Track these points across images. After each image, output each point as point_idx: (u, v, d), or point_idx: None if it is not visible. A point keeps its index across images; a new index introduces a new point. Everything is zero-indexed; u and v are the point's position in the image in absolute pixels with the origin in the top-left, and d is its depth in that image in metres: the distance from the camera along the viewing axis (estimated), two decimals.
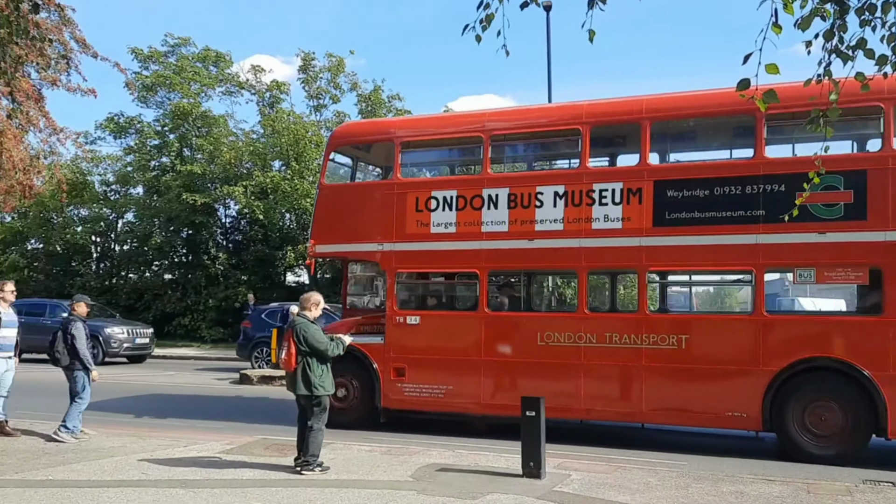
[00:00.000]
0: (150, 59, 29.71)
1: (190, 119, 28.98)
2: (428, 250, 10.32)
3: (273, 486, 6.85)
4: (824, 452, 8.36)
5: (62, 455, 8.33)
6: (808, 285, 9.83)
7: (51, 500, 6.40)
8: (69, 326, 9.05)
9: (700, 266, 9.52)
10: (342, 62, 29.43)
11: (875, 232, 8.29)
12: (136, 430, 9.97)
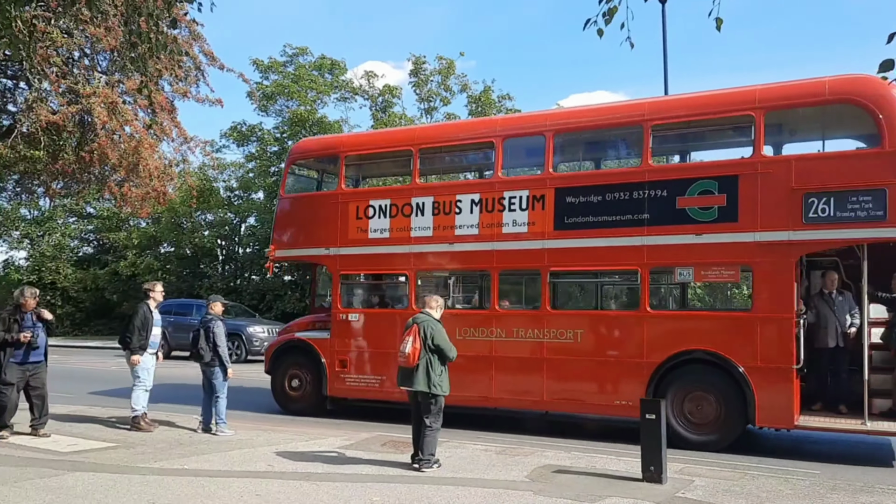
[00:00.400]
0: (270, 70, 30.99)
1: (307, 125, 30.01)
2: (366, 254, 11.29)
3: (392, 482, 6.99)
4: (700, 439, 8.97)
5: (194, 446, 8.82)
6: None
7: (186, 488, 6.80)
8: (210, 325, 9.54)
9: (594, 266, 10.26)
10: (452, 64, 29.70)
11: (746, 233, 8.84)
12: (263, 424, 10.41)
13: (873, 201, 8.30)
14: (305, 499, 6.44)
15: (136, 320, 9.59)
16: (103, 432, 9.60)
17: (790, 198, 8.66)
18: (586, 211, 9.79)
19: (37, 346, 9.15)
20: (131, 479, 7.13)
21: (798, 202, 8.61)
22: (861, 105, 8.53)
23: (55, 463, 7.82)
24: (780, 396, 8.59)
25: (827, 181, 8.56)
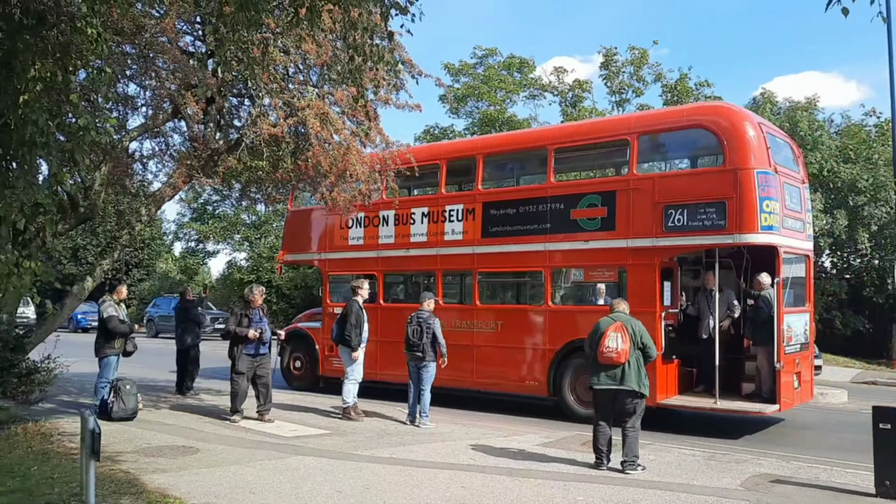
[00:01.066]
0: (460, 72, 31.79)
1: (496, 125, 30.42)
2: (347, 258, 13.55)
3: (595, 483, 6.89)
4: (588, 413, 9.30)
5: (400, 437, 9.25)
6: None
7: (396, 476, 7.15)
8: (429, 321, 9.89)
9: (510, 268, 11.90)
10: (645, 54, 28.73)
11: (621, 240, 10.26)
12: (461, 419, 10.67)
13: (716, 212, 9.55)
14: (508, 494, 6.52)
15: (351, 318, 10.20)
16: (318, 420, 10.34)
17: (654, 210, 10.01)
18: (505, 221, 11.53)
19: (265, 340, 10.09)
20: (346, 464, 7.62)
21: (660, 213, 9.95)
22: (709, 129, 9.90)
23: (280, 446, 8.55)
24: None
25: (681, 195, 9.91)
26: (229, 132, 10.33)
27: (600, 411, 7.53)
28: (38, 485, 6.60)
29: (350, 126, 9.81)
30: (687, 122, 10.10)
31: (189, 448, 8.34)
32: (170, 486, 6.58)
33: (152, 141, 10.53)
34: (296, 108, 9.04)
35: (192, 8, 8.07)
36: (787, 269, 9.83)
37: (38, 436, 8.86)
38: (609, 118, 11.40)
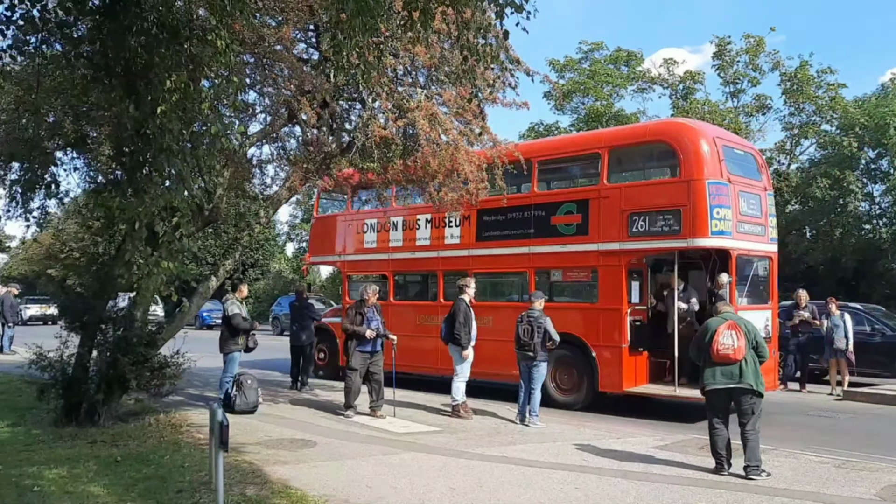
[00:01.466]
0: (565, 68, 31.40)
1: (603, 120, 29.87)
2: (363, 259, 14.95)
3: (716, 488, 6.64)
4: (566, 399, 11.43)
5: (510, 436, 9.24)
6: None
7: (507, 474, 7.15)
8: (540, 320, 9.83)
9: (500, 269, 13.04)
10: (762, 41, 27.40)
11: (593, 244, 11.23)
12: (571, 419, 10.53)
13: (673, 218, 10.44)
14: (625, 497, 6.39)
15: (459, 317, 10.28)
16: (428, 417, 10.48)
17: (621, 216, 10.97)
18: (496, 227, 12.63)
19: (379, 337, 10.35)
20: (458, 461, 7.69)
21: (626, 220, 10.91)
22: (668, 144, 10.69)
23: (392, 442, 8.72)
24: (615, 369, 10.73)
25: (644, 204, 10.80)
26: (341, 135, 10.62)
27: (716, 413, 7.25)
28: (171, 472, 7.02)
29: (458, 126, 9.86)
30: (650, 138, 10.70)
31: (307, 441, 8.64)
32: (291, 478, 6.84)
33: (271, 146, 10.98)
34: (405, 110, 9.18)
35: (306, 16, 8.34)
36: (747, 270, 11.06)
37: (169, 426, 9.43)
38: (583, 133, 13.03)
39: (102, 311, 9.51)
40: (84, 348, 9.38)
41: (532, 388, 9.87)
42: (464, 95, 9.19)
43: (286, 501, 6.09)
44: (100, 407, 9.23)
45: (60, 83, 6.72)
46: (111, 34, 4.71)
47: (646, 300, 11.68)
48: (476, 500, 6.25)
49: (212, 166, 5.38)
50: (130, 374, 9.06)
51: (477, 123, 9.93)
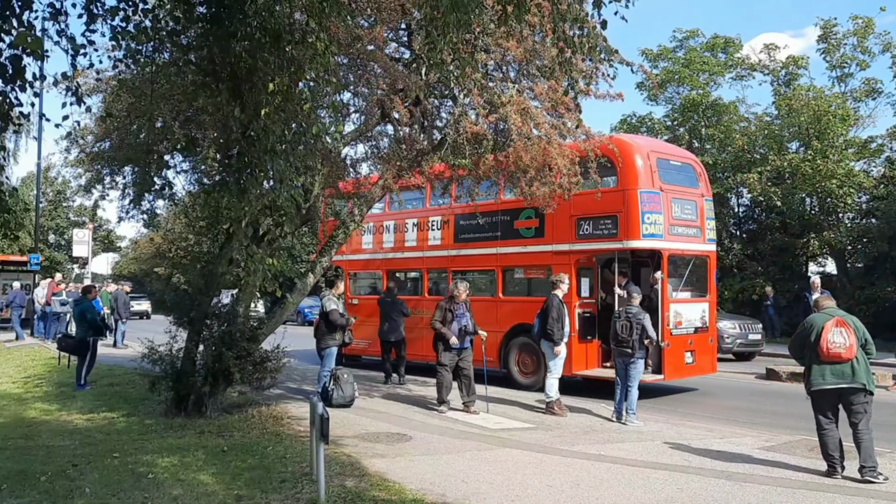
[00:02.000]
0: (659, 58, 30.57)
1: (699, 110, 28.92)
2: (361, 259, 16.59)
3: (829, 492, 6.32)
4: (527, 382, 12.83)
5: (606, 434, 9.08)
6: None
7: (605, 473, 7.02)
8: (639, 316, 9.64)
9: (474, 267, 14.31)
10: (870, 23, 25.82)
11: (548, 245, 12.84)
12: (670, 418, 10.28)
13: (611, 223, 11.90)
14: (730, 499, 6.17)
15: (552, 313, 10.18)
16: (521, 413, 10.42)
17: (570, 221, 12.40)
18: (469, 230, 14.08)
19: (469, 333, 10.38)
20: (554, 458, 7.62)
21: (574, 224, 12.39)
22: (610, 157, 11.23)
23: (486, 438, 8.73)
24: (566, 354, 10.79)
25: (588, 210, 12.03)
26: (433, 133, 10.69)
27: (825, 413, 6.89)
28: (274, 463, 7.25)
29: (550, 120, 9.76)
30: (596, 151, 10.70)
31: (402, 435, 8.75)
32: (388, 471, 6.94)
33: (364, 145, 11.17)
34: (496, 106, 9.15)
35: (399, 16, 8.43)
36: (682, 267, 12.56)
37: (271, 418, 9.75)
38: None
39: (207, 307, 9.93)
40: (191, 343, 9.82)
41: (629, 386, 9.66)
42: (556, 88, 9.08)
43: (384, 494, 6.18)
44: (206, 399, 9.64)
45: (169, 90, 7.05)
46: (217, 40, 4.91)
47: (596, 294, 12.87)
48: (574, 499, 6.17)
49: (313, 166, 5.51)
50: (234, 368, 9.41)
51: (570, 117, 9.79)
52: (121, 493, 6.13)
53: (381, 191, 10.82)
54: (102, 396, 11.71)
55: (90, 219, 43.37)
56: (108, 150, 11.01)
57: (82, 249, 31.23)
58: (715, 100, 29.02)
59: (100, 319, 13.87)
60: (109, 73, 9.46)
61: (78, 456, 7.54)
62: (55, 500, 5.93)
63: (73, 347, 13.15)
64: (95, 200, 12.43)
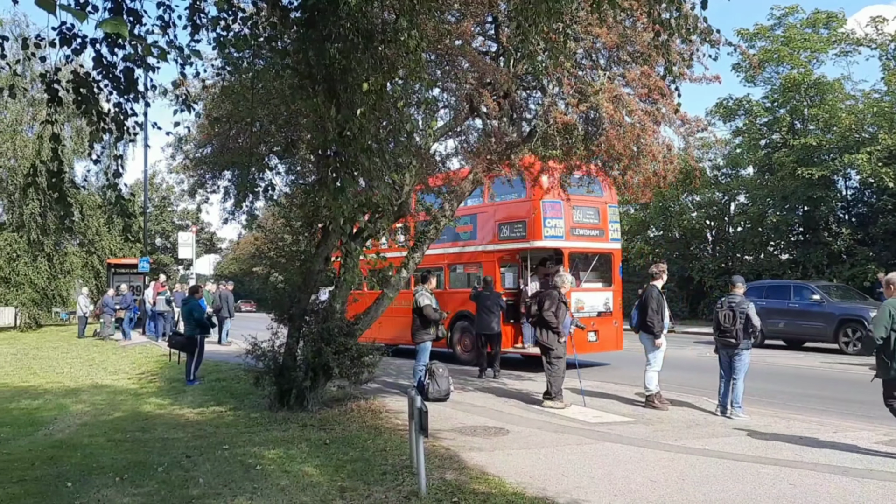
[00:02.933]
0: (756, 37, 29.34)
1: (801, 89, 27.60)
2: None
3: None
4: (466, 358, 15.50)
5: (710, 428, 8.79)
6: None
7: (712, 468, 6.80)
8: (742, 306, 9.28)
9: (426, 265, 14.23)
10: None
11: (479, 245, 15.75)
12: (780, 411, 9.86)
13: (522, 227, 14.56)
14: (847, 496, 5.86)
15: (652, 304, 9.93)
16: (620, 407, 10.23)
17: (494, 226, 15.25)
18: None
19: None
20: (656, 453, 7.44)
21: (497, 228, 15.18)
22: (521, 173, 12.54)
23: (586, 432, 8.62)
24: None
25: (507, 216, 15.01)
26: (521, 124, 10.61)
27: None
28: (374, 455, 7.39)
29: (643, 106, 9.51)
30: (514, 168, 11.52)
31: (500, 429, 8.75)
32: (486, 465, 6.96)
33: (454, 139, 11.21)
34: (587, 94, 8.99)
35: (485, 9, 8.41)
36: (584, 263, 14.81)
37: (370, 412, 9.94)
38: None
39: (306, 303, 10.21)
40: (292, 339, 10.13)
41: (734, 378, 9.31)
42: (649, 74, 8.84)
43: (484, 488, 6.19)
44: (307, 393, 9.92)
45: (266, 95, 7.29)
46: (312, 44, 5.03)
47: (519, 285, 15.23)
48: (679, 494, 6.01)
49: (408, 162, 5.57)
50: (333, 363, 9.64)
51: (664, 102, 9.50)
52: (231, 484, 6.39)
53: (472, 185, 10.83)
54: (210, 391, 12.26)
55: (193, 222, 45.33)
56: (210, 156, 11.49)
57: (187, 251, 32.69)
58: (818, 78, 27.64)
59: (206, 318, 14.50)
60: (210, 82, 9.89)
61: (191, 448, 7.91)
62: (172, 490, 6.23)
63: (183, 345, 13.81)
64: (198, 204, 12.99)
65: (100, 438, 8.65)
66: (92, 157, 11.51)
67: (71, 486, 6.42)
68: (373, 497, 5.97)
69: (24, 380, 14.63)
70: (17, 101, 32.25)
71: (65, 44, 4.41)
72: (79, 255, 36.30)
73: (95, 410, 10.84)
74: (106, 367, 16.65)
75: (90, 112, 4.46)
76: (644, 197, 10.69)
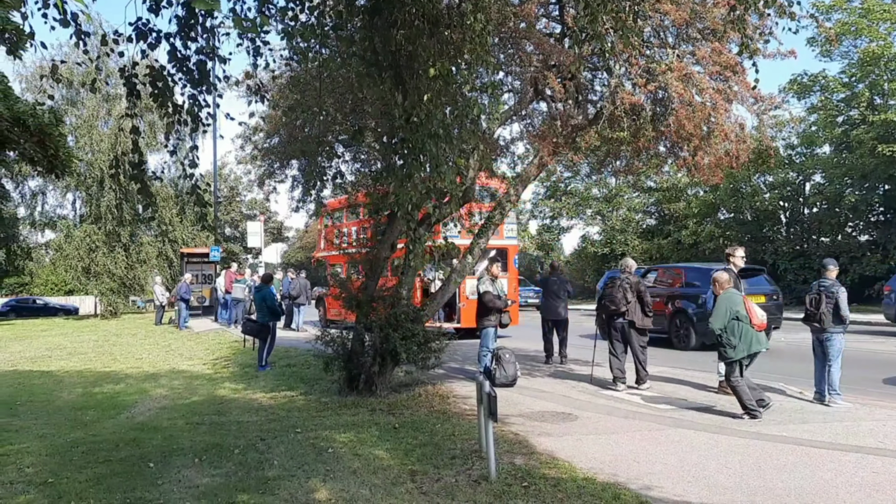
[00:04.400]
0: (832, 9, 28.13)
1: (881, 63, 26.34)
2: (331, 255, 21.29)
3: None
4: None
5: (787, 414, 8.52)
6: None
7: (790, 456, 6.61)
8: (832, 290, 8.96)
9: None
10: None
11: None
12: (863, 398, 9.46)
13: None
14: None
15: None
16: (691, 393, 10.01)
17: None
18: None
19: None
20: (731, 440, 7.27)
21: None
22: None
23: (656, 418, 8.48)
24: None
25: None
26: (587, 107, 10.45)
27: None
28: (443, 440, 7.44)
29: (714, 84, 9.22)
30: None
31: (568, 415, 8.69)
32: (556, 450, 6.92)
33: (519, 123, 11.12)
34: (655, 74, 8.78)
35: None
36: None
37: (437, 397, 10.02)
38: None
39: (373, 290, 10.33)
40: (360, 325, 10.27)
41: (828, 363, 8.92)
42: (720, 51, 8.57)
43: (555, 473, 6.16)
44: (376, 378, 10.06)
45: (332, 84, 7.37)
46: (378, 31, 5.05)
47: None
48: (756, 481, 5.86)
49: (474, 147, 5.55)
50: (400, 348, 9.74)
51: (737, 80, 9.20)
52: (305, 466, 6.54)
53: (537, 169, 10.74)
54: (282, 376, 12.56)
55: (261, 211, 46.30)
56: (278, 145, 11.71)
57: (255, 240, 33.49)
58: None
59: (278, 305, 14.83)
60: (277, 72, 10.06)
61: (264, 431, 8.13)
62: (248, 471, 6.42)
63: (256, 331, 14.16)
64: (267, 193, 13.27)
65: (178, 421, 8.97)
66: (168, 149, 11.99)
67: (153, 467, 6.67)
68: (443, 481, 6.02)
69: (106, 365, 15.27)
70: (93, 97, 33.53)
71: (141, 38, 4.56)
72: (154, 244, 37.62)
73: (174, 394, 11.24)
74: (182, 353, 17.24)
75: (166, 104, 4.60)
76: (715, 178, 10.35)
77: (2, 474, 6.57)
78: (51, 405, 10.57)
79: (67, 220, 41.26)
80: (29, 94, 33.39)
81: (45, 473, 6.56)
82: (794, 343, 15.51)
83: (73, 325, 30.98)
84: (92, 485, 6.15)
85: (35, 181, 41.74)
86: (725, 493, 5.59)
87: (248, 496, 5.70)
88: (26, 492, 6.02)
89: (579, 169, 42.00)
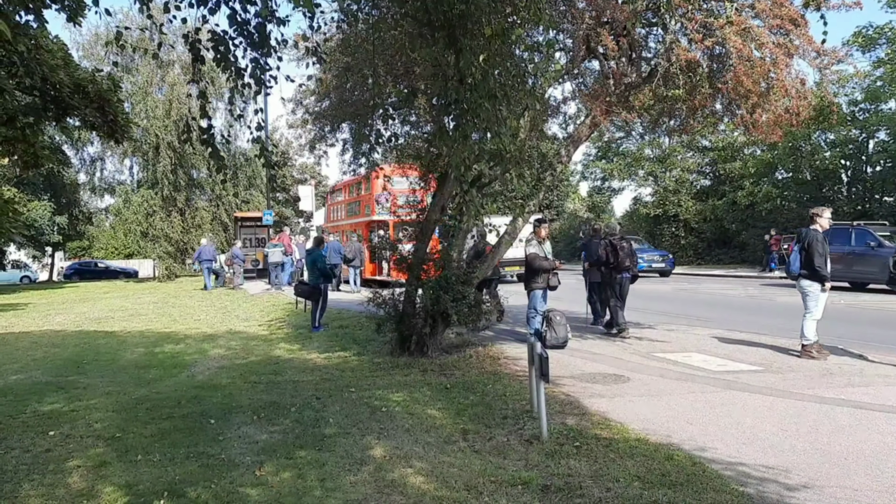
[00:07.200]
0: None
1: None
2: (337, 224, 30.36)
3: None
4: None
5: (846, 377, 8.37)
6: None
7: (847, 419, 6.50)
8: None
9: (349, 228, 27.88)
10: None
11: (362, 217, 25.88)
12: None
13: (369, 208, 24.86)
14: None
15: (818, 247, 9.34)
16: (747, 355, 9.88)
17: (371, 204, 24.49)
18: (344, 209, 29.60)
19: None
20: (786, 402, 7.17)
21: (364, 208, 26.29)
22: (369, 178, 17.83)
23: (710, 380, 8.40)
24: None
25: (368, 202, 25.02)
26: (641, 64, 10.21)
27: None
28: (494, 400, 7.52)
29: (774, 39, 8.90)
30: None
31: (620, 377, 8.67)
32: (608, 411, 6.93)
33: (571, 82, 10.93)
34: (713, 28, 8.51)
35: None
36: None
37: (488, 358, 10.09)
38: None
39: (424, 252, 10.40)
40: (411, 287, 10.37)
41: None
42: (781, 3, 8.25)
43: (607, 433, 6.18)
44: (427, 339, 10.18)
45: (382, 46, 7.33)
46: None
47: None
48: (812, 444, 5.78)
49: (533, 105, 5.48)
50: (451, 310, 9.81)
51: (798, 34, 8.85)
52: (360, 424, 6.69)
53: (589, 129, 10.57)
54: (335, 338, 12.79)
55: (312, 175, 46.68)
56: (329, 109, 11.77)
57: (307, 203, 33.92)
58: None
59: (329, 267, 15.06)
60: (328, 35, 10.06)
61: (320, 390, 8.32)
62: (305, 428, 6.60)
63: (308, 293, 14.42)
64: (318, 157, 13.38)
65: (237, 380, 9.24)
66: (234, 114, 12.25)
67: (214, 423, 6.91)
68: (495, 440, 6.09)
69: (166, 326, 15.77)
70: (148, 64, 34.03)
71: (201, 3, 4.61)
72: (208, 209, 38.39)
73: (231, 354, 11.57)
74: (238, 314, 17.67)
75: (229, 68, 4.67)
76: (773, 136, 10.04)
77: (73, 429, 6.88)
78: (115, 364, 10.98)
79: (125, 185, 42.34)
80: (86, 62, 34.13)
81: (113, 429, 6.85)
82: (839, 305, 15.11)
83: (133, 288, 32.01)
84: (157, 439, 6.40)
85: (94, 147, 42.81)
86: (781, 455, 5.53)
87: (305, 452, 5.86)
88: (96, 445, 6.30)
89: (632, 129, 41.43)
